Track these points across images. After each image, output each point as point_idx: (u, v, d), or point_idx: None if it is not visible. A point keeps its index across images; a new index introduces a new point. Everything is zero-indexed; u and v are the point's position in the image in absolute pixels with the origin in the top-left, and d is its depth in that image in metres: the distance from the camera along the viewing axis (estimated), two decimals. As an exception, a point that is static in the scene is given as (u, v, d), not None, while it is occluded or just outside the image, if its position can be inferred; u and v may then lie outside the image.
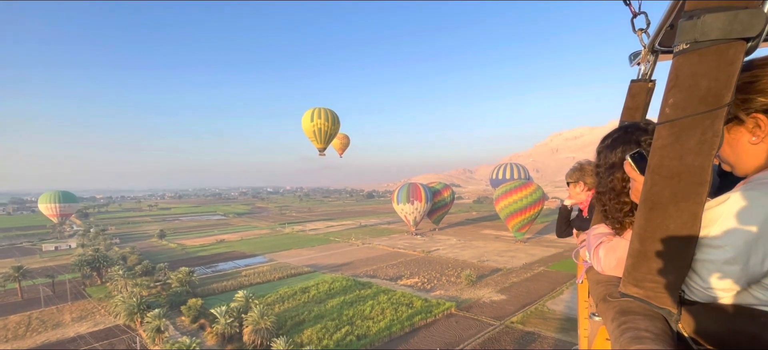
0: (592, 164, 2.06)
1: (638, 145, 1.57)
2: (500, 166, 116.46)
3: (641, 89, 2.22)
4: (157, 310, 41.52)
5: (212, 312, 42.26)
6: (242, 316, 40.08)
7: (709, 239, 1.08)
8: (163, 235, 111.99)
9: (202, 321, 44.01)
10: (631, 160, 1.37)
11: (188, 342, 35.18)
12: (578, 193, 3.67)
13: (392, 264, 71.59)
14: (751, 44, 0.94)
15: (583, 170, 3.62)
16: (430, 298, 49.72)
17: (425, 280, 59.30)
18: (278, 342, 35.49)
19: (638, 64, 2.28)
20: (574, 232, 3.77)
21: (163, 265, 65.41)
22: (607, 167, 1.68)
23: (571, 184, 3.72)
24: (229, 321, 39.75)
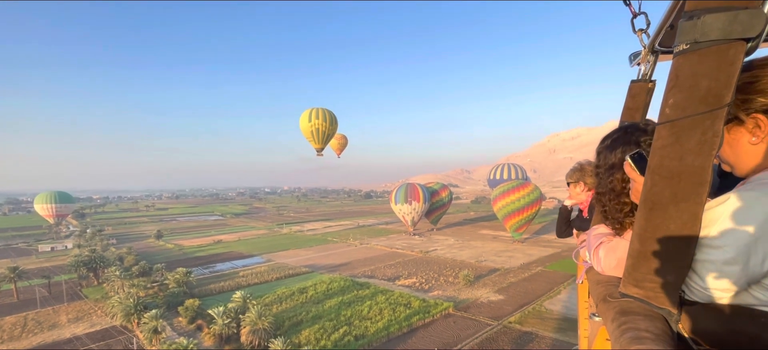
0: (592, 165, 2.07)
1: (638, 145, 1.57)
2: (498, 166, 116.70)
3: (641, 90, 2.23)
4: (154, 311, 41.37)
5: (209, 312, 42.15)
6: (240, 317, 40.00)
7: (709, 240, 1.08)
8: (160, 235, 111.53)
9: (199, 321, 43.88)
10: (630, 161, 1.37)
11: (185, 342, 35.10)
12: (578, 193, 3.67)
13: (390, 264, 71.59)
14: (751, 45, 0.94)
15: (583, 171, 3.62)
16: (427, 298, 49.75)
17: (423, 280, 59.33)
18: (276, 342, 35.43)
19: (638, 64, 2.28)
20: (574, 232, 3.77)
21: (160, 266, 65.11)
22: (606, 168, 1.68)
23: (571, 184, 3.71)
24: (226, 321, 39.65)
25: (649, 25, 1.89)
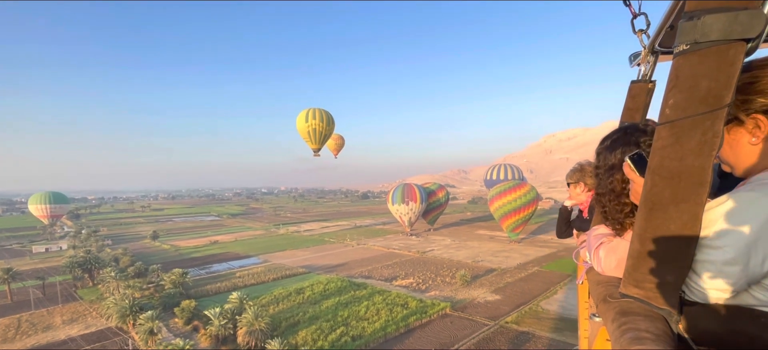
0: (592, 165, 2.07)
1: (637, 146, 1.57)
2: (494, 167, 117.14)
3: (641, 90, 2.24)
4: (149, 312, 41.09)
5: (206, 313, 41.93)
6: (236, 318, 39.83)
7: (709, 240, 1.08)
8: (156, 236, 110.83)
9: (195, 322, 43.66)
10: (630, 161, 1.37)
11: (182, 344, 34.89)
12: (578, 194, 3.67)
13: (387, 264, 71.57)
14: (751, 45, 0.95)
15: (583, 171, 3.61)
16: (425, 299, 49.78)
17: (420, 280, 59.36)
18: (273, 343, 35.32)
19: (638, 65, 2.29)
20: (574, 233, 3.77)
21: (156, 266, 64.75)
22: (606, 169, 1.68)
23: (571, 185, 3.70)
24: (223, 322, 39.48)
25: (649, 25, 1.90)
